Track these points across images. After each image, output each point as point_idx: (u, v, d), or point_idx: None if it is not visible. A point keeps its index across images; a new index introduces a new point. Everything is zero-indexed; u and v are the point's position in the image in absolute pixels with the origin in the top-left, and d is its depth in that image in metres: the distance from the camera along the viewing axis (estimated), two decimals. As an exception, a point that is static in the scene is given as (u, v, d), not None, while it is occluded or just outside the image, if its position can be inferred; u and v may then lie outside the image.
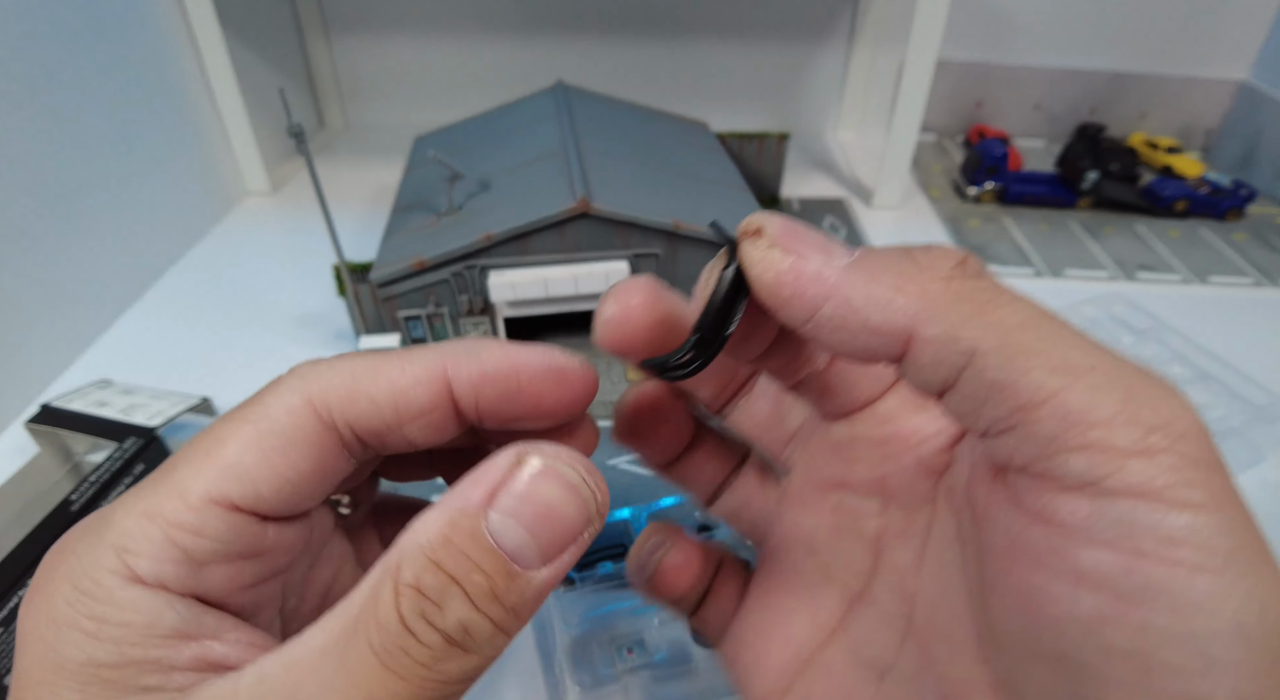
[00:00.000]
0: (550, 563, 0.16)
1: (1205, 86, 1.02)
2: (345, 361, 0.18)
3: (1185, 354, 0.62)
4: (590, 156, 0.61)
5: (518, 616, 0.16)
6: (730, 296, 0.17)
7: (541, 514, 0.16)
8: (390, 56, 1.01)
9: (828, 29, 1.00)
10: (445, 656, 0.15)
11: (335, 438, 0.18)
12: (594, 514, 0.17)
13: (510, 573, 0.15)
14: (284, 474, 0.17)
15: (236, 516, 0.17)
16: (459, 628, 0.15)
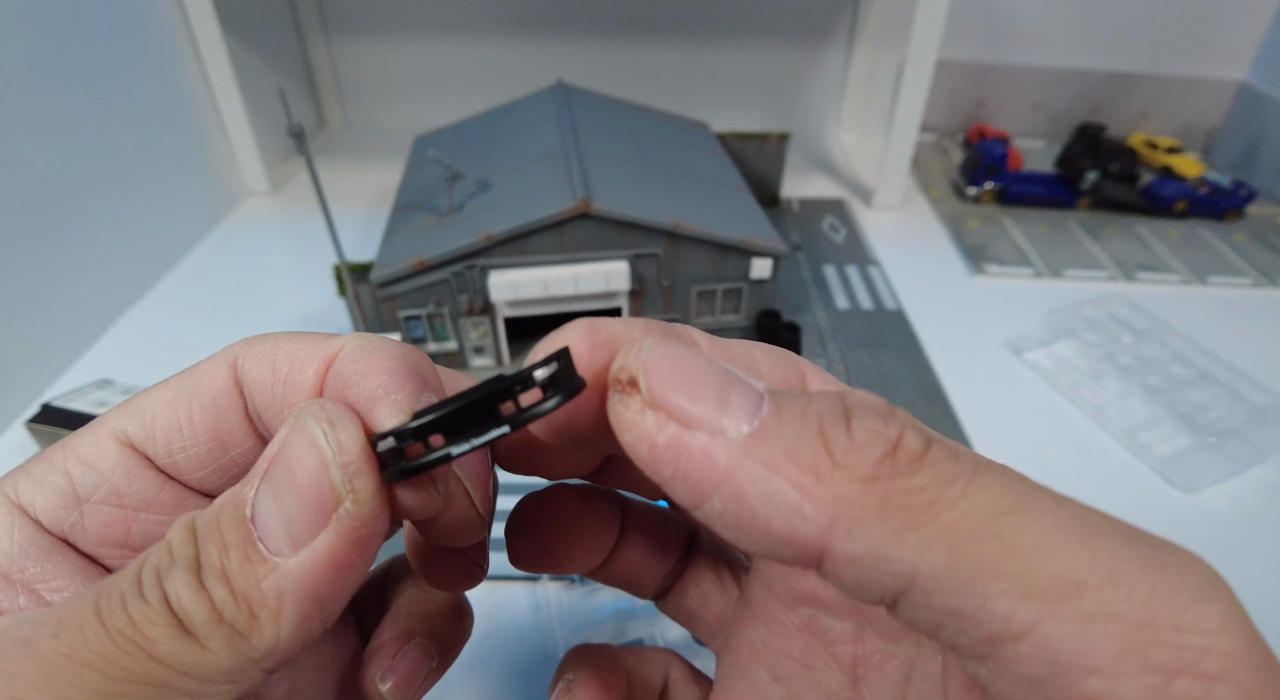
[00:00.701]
0: (299, 548, 0.13)
1: (1205, 86, 1.02)
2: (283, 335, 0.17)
3: (1185, 354, 0.62)
4: (590, 157, 0.61)
5: (249, 610, 0.13)
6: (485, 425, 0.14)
7: (288, 484, 0.14)
8: (390, 56, 1.01)
9: (828, 29, 1.00)
10: (161, 629, 0.13)
11: (241, 404, 0.17)
12: (340, 481, 0.14)
13: (248, 552, 0.13)
14: (180, 420, 0.17)
15: (129, 455, 0.17)
16: (176, 599, 0.13)
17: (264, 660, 0.13)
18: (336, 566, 0.14)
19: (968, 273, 0.77)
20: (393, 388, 0.15)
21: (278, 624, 0.13)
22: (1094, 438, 0.57)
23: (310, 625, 0.14)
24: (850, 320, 0.69)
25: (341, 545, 0.14)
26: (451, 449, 0.14)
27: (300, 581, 0.13)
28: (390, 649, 0.19)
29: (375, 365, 0.15)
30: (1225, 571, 0.44)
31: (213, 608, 0.13)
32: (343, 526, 0.14)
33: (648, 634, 0.39)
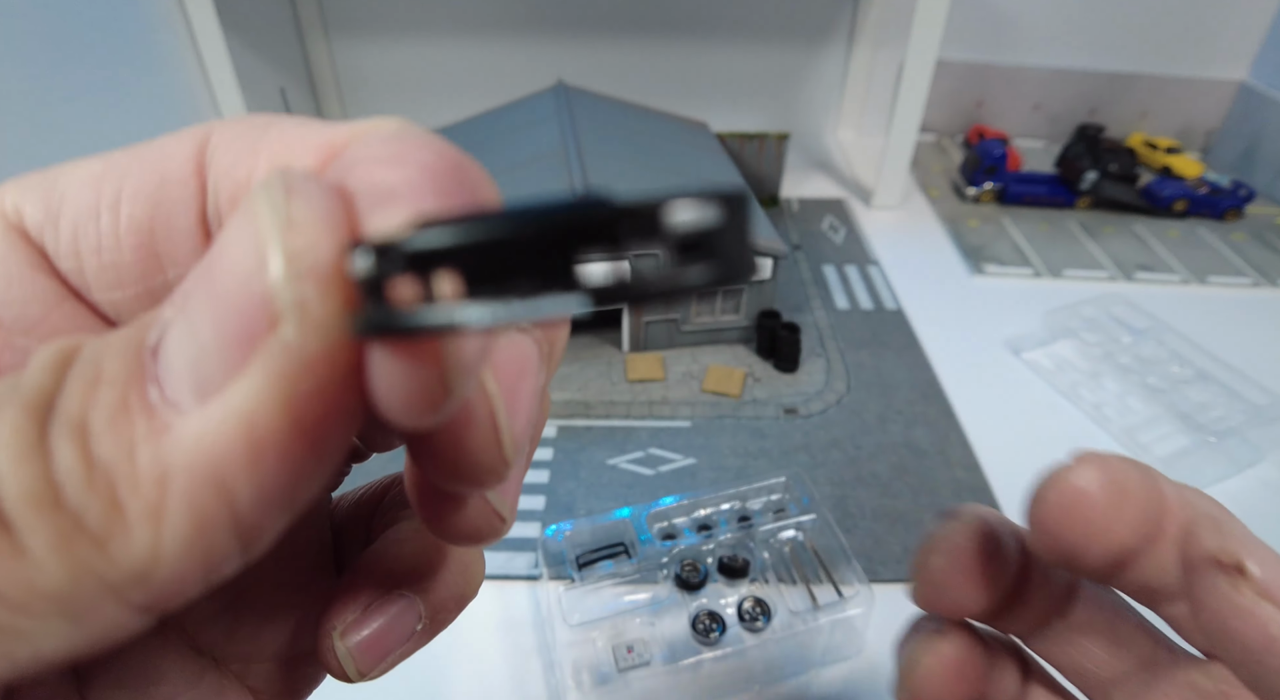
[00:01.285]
0: (205, 397, 0.08)
1: (1205, 87, 1.02)
2: (283, 115, 0.12)
3: (1184, 354, 0.62)
4: (590, 156, 0.61)
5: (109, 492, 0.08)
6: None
7: (205, 293, 0.08)
8: (390, 56, 1.01)
9: (828, 29, 1.00)
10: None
11: (198, 199, 0.11)
12: (277, 290, 0.08)
13: (129, 397, 0.08)
14: (100, 206, 0.11)
15: (18, 246, 0.11)
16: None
17: (131, 588, 0.08)
18: (258, 437, 0.08)
19: (967, 272, 0.77)
20: (422, 189, 0.09)
21: (155, 527, 0.08)
22: (1093, 437, 0.57)
23: (212, 541, 0.08)
24: (850, 320, 0.69)
25: (268, 401, 0.08)
26: (462, 313, 0.07)
27: (198, 456, 0.08)
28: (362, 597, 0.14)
29: (407, 155, 0.10)
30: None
31: (46, 478, 0.08)
32: (273, 366, 0.08)
33: (649, 635, 0.39)
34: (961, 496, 0.52)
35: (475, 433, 0.10)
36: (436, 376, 0.08)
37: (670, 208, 0.07)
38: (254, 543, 0.09)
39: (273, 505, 0.08)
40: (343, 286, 0.08)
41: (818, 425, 0.57)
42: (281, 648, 0.15)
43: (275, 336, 0.08)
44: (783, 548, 0.45)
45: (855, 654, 0.42)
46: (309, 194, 0.08)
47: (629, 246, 0.08)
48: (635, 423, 0.57)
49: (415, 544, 0.14)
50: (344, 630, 0.13)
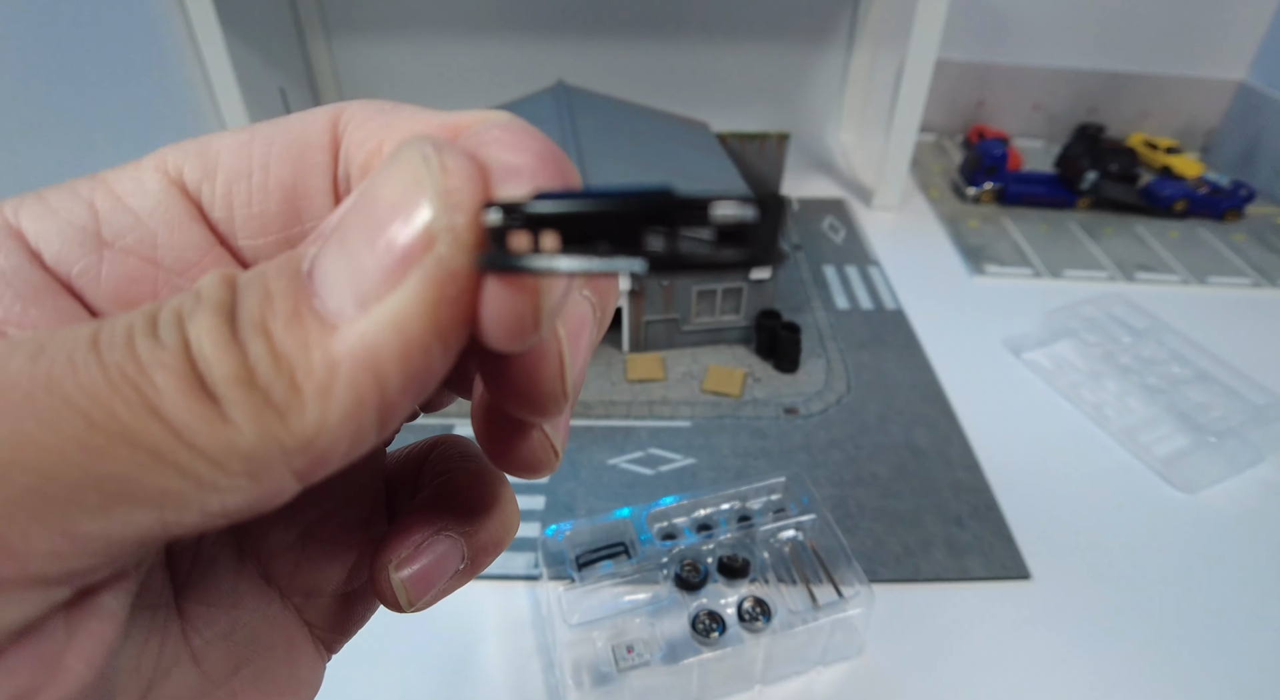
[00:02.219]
0: (366, 307, 0.10)
1: (1205, 86, 1.02)
2: (398, 105, 0.14)
3: (1184, 354, 0.62)
4: (591, 156, 0.61)
5: (290, 377, 0.10)
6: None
7: (361, 223, 0.11)
8: (390, 56, 1.01)
9: (828, 30, 1.00)
10: (173, 377, 0.09)
11: (331, 164, 0.14)
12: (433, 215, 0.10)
13: (299, 306, 0.10)
14: (252, 166, 0.13)
15: (178, 199, 0.13)
16: (197, 341, 0.10)
17: (297, 454, 0.10)
18: (409, 337, 0.10)
19: (967, 273, 0.77)
20: (538, 172, 0.11)
21: (324, 404, 0.10)
22: (1093, 437, 0.57)
23: (363, 418, 0.10)
24: (850, 320, 0.69)
25: (422, 306, 0.10)
26: (560, 261, 0.10)
27: (361, 350, 0.10)
28: (414, 536, 0.15)
29: (523, 143, 0.12)
30: (1223, 571, 0.45)
31: (244, 364, 0.10)
32: (425, 278, 0.10)
33: (649, 635, 0.39)
34: (961, 496, 0.52)
35: (547, 366, 0.12)
36: (532, 308, 0.11)
37: (717, 204, 0.10)
38: (388, 423, 0.11)
39: (408, 392, 0.10)
40: (479, 223, 0.10)
41: (818, 425, 0.57)
42: (338, 584, 0.17)
43: (431, 253, 0.10)
44: (783, 548, 0.45)
45: (855, 654, 0.42)
46: (455, 151, 0.11)
47: (683, 228, 0.10)
48: (635, 423, 0.57)
49: (463, 492, 0.17)
50: (398, 564, 0.15)
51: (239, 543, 0.16)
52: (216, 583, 0.15)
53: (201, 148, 0.14)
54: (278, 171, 0.13)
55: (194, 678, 0.14)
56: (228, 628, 0.15)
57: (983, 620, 0.44)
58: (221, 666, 0.14)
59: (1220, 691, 0.41)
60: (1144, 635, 0.43)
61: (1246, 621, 0.44)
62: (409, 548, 0.15)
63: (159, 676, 0.13)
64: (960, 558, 0.47)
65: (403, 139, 0.12)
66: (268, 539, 0.16)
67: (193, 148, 0.14)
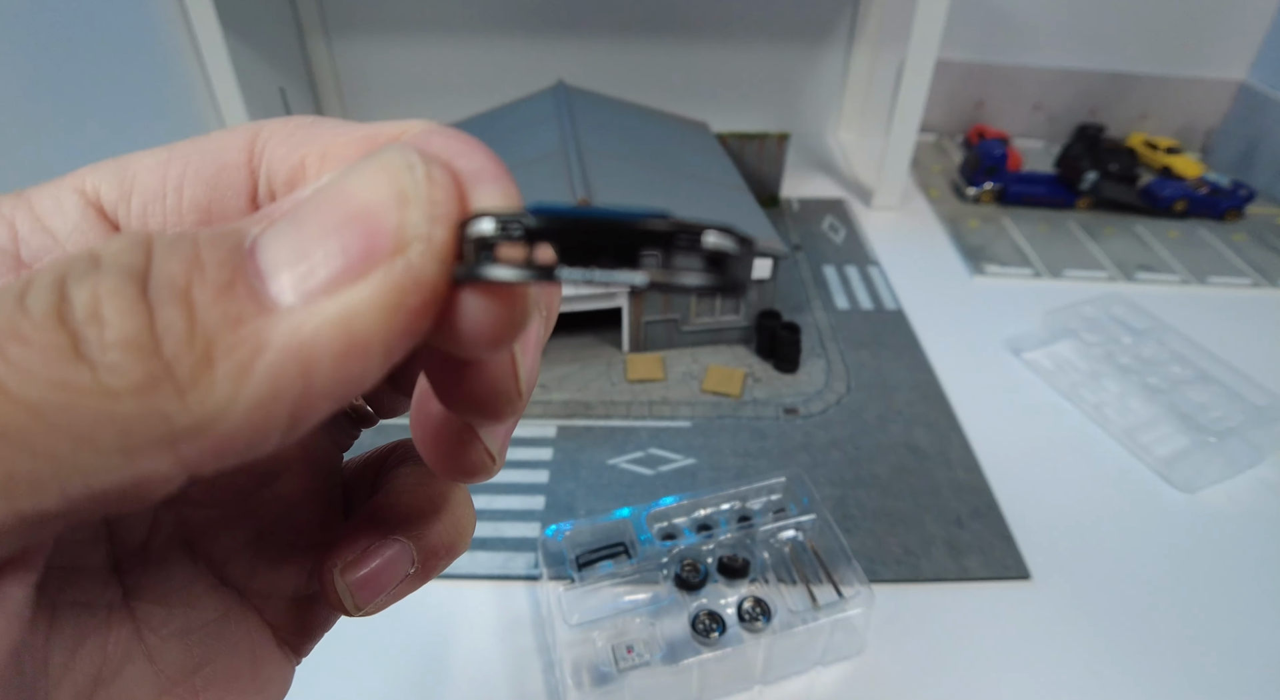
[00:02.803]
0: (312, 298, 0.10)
1: (1205, 86, 1.02)
2: (317, 120, 0.14)
3: (1184, 354, 0.62)
4: (591, 156, 0.61)
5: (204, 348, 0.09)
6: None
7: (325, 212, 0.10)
8: (390, 56, 1.01)
9: (828, 29, 1.00)
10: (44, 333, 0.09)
11: (249, 186, 0.13)
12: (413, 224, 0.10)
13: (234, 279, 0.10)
14: (166, 187, 0.13)
15: (95, 221, 0.13)
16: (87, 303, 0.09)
17: (189, 437, 0.09)
18: (353, 338, 0.10)
19: (967, 273, 0.77)
20: (498, 175, 0.11)
21: (237, 386, 0.09)
22: (1093, 438, 0.57)
23: (273, 412, 0.09)
24: (850, 320, 0.69)
25: (377, 309, 0.10)
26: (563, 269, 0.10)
27: (296, 339, 0.09)
28: (362, 540, 0.15)
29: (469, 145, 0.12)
30: (1224, 571, 0.45)
31: (147, 329, 0.09)
32: (391, 282, 0.10)
33: (649, 635, 0.39)
34: (961, 496, 0.52)
35: (500, 368, 0.12)
36: (517, 315, 0.11)
37: (709, 233, 0.10)
38: (297, 425, 0.10)
39: (330, 395, 0.10)
40: (457, 236, 0.10)
41: (818, 425, 0.57)
42: (298, 587, 0.17)
43: (401, 258, 0.10)
44: (783, 548, 0.45)
45: (855, 654, 0.42)
46: (439, 162, 0.11)
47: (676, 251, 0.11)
48: (635, 423, 0.57)
49: (412, 496, 0.16)
50: (344, 568, 0.15)
51: (189, 544, 0.16)
52: (169, 583, 0.15)
53: (120, 168, 0.13)
54: (193, 192, 0.13)
55: (149, 675, 0.14)
56: (183, 627, 0.15)
57: (983, 620, 0.44)
58: (179, 665, 0.14)
59: (1220, 691, 0.41)
60: (1144, 635, 0.43)
61: (1246, 621, 0.44)
62: (355, 551, 0.15)
63: (108, 675, 0.13)
64: (960, 558, 0.47)
65: (325, 154, 0.13)
66: (218, 542, 0.16)
67: (111, 168, 0.13)
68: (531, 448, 0.55)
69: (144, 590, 0.15)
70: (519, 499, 0.51)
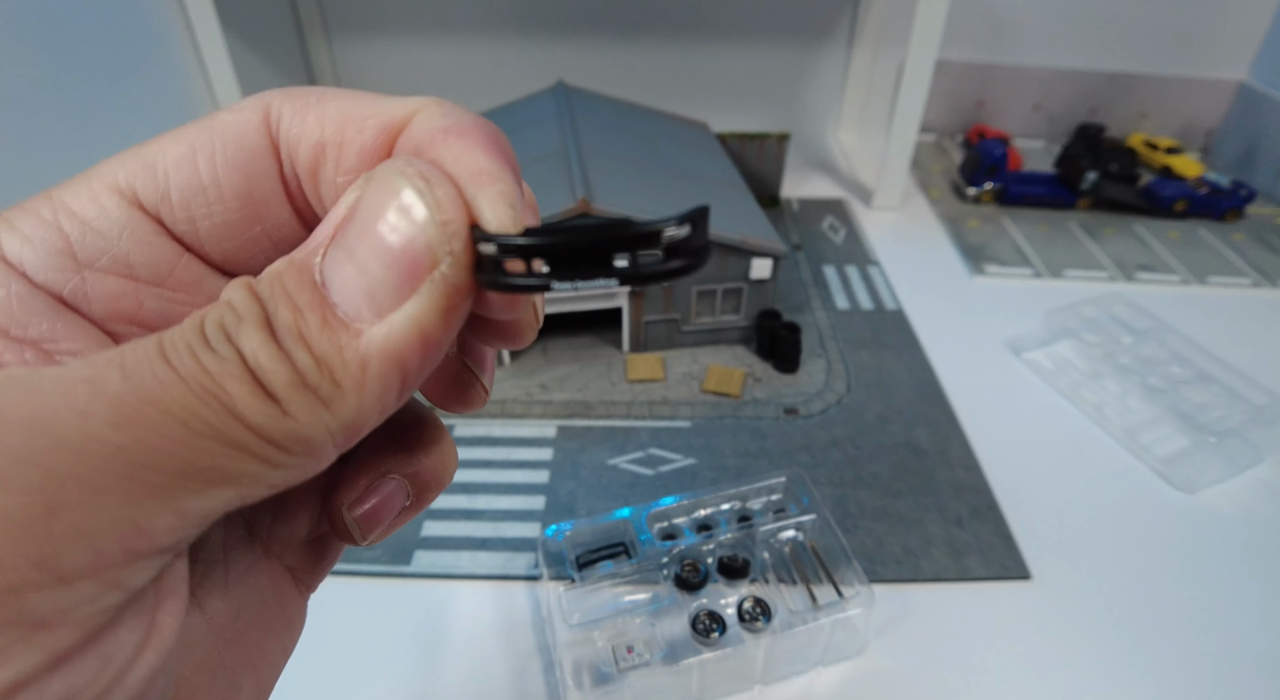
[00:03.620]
0: (383, 314, 0.12)
1: (1205, 86, 1.02)
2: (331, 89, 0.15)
3: (1184, 354, 0.62)
4: (591, 157, 0.61)
5: (332, 377, 0.12)
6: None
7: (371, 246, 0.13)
8: (390, 56, 1.01)
9: (828, 30, 1.00)
10: (241, 385, 0.12)
11: (276, 166, 0.15)
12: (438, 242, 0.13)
13: (326, 316, 0.12)
14: (201, 178, 0.15)
15: (136, 215, 0.14)
16: (253, 355, 0.12)
17: (340, 433, 0.13)
18: (424, 336, 0.13)
19: (967, 273, 0.77)
20: (495, 174, 0.13)
21: (360, 395, 0.12)
22: (1093, 438, 0.57)
23: (388, 399, 0.13)
24: (850, 320, 0.69)
25: (432, 313, 0.13)
26: (555, 282, 0.13)
27: (386, 350, 0.12)
28: (363, 479, 0.18)
29: (470, 140, 0.14)
30: (1224, 571, 0.45)
31: (294, 370, 0.12)
32: (436, 292, 0.13)
33: (649, 635, 0.39)
34: (962, 496, 0.52)
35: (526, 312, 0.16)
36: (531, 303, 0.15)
37: (666, 229, 0.13)
38: (405, 397, 0.13)
39: (423, 373, 0.13)
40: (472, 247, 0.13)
41: (818, 425, 0.57)
42: (310, 529, 0.19)
43: (438, 271, 0.13)
44: (783, 548, 0.45)
45: (855, 654, 0.42)
46: (442, 181, 0.13)
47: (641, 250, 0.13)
48: (635, 423, 0.57)
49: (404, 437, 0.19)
50: (350, 505, 0.17)
51: None
52: (210, 542, 0.17)
53: (146, 163, 0.14)
54: (230, 183, 0.15)
55: (203, 624, 0.16)
56: (222, 579, 0.17)
57: (983, 620, 0.44)
58: (223, 613, 0.16)
59: (1220, 691, 0.41)
60: (1144, 635, 0.43)
61: (1247, 621, 0.44)
62: (358, 490, 0.17)
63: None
64: (960, 558, 0.47)
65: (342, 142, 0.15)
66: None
67: (137, 164, 0.14)
68: (531, 448, 0.55)
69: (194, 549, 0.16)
70: (519, 499, 0.51)
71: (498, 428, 0.57)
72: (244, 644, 0.17)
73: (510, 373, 0.62)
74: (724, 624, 0.40)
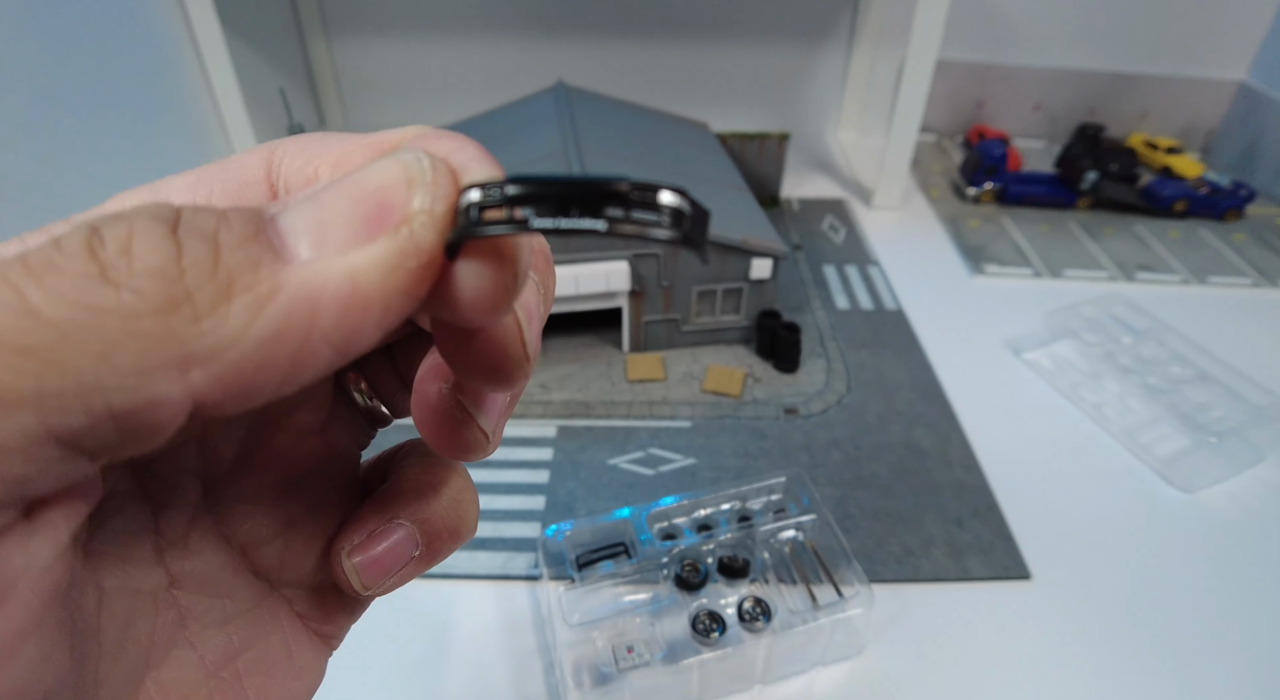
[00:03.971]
0: (323, 251, 0.11)
1: (1205, 87, 1.02)
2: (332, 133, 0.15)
3: (1184, 354, 0.62)
4: (591, 156, 0.61)
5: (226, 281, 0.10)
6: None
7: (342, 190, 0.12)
8: (390, 56, 1.01)
9: (828, 29, 1.00)
10: (76, 262, 0.10)
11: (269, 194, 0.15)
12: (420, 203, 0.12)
13: (257, 234, 0.11)
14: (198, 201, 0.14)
15: None
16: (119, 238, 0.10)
17: (198, 363, 0.10)
18: (357, 289, 0.11)
19: (967, 273, 0.77)
20: (487, 161, 0.13)
21: (250, 317, 0.10)
22: (1093, 438, 0.57)
23: (279, 349, 0.10)
24: (850, 320, 0.69)
25: (379, 268, 0.11)
26: (533, 219, 0.12)
27: (307, 285, 0.11)
28: (368, 524, 0.16)
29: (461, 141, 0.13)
30: (1224, 571, 0.45)
31: (173, 261, 0.10)
32: (395, 247, 0.11)
33: (649, 635, 0.39)
34: (962, 496, 0.52)
35: (508, 334, 0.14)
36: (510, 276, 0.12)
37: (662, 191, 0.12)
38: (296, 374, 0.11)
39: (329, 341, 0.11)
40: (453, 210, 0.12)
41: (818, 425, 0.57)
42: (322, 577, 0.18)
43: (406, 227, 0.11)
44: (783, 548, 0.45)
45: (855, 654, 0.42)
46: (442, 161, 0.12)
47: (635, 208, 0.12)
48: (635, 423, 0.57)
49: (414, 482, 0.17)
50: (350, 550, 0.16)
51: (226, 539, 0.17)
52: (207, 572, 0.16)
53: (157, 192, 0.14)
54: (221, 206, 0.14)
55: (193, 660, 0.15)
56: (221, 616, 0.16)
57: (983, 620, 0.44)
58: (220, 651, 0.15)
59: (1220, 691, 0.41)
60: (1144, 635, 0.43)
61: (1246, 621, 0.44)
62: (362, 534, 0.16)
63: (156, 658, 0.15)
64: (960, 558, 0.47)
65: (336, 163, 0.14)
66: (251, 533, 0.17)
67: (148, 192, 0.14)
68: (532, 448, 0.55)
69: (185, 579, 0.16)
70: (519, 499, 0.51)
71: (498, 428, 0.57)
72: (241, 688, 0.16)
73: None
74: (724, 624, 0.40)
